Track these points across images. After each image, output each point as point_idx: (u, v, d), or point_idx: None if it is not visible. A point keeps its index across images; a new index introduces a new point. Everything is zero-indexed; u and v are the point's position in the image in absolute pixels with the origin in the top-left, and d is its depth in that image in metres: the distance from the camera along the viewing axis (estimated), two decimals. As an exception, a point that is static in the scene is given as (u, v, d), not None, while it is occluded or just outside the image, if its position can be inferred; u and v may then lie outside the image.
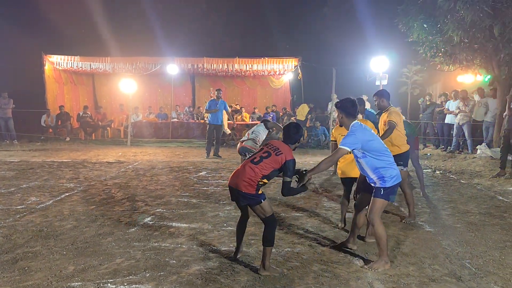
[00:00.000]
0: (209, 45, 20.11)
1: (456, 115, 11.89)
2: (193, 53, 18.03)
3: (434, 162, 10.75)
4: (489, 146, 10.70)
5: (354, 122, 3.85)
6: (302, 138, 5.06)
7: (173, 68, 16.90)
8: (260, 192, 3.65)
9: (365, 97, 15.72)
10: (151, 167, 9.64)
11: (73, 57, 17.22)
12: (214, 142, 11.86)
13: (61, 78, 17.92)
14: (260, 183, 3.62)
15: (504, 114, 8.79)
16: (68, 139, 15.56)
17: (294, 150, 3.81)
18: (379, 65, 12.41)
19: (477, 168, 9.49)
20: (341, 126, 4.43)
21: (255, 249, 4.28)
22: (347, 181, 5.06)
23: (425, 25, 10.72)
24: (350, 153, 3.88)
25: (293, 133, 3.80)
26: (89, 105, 17.98)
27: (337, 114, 4.39)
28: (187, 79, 19.67)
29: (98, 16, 19.25)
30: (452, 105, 12.25)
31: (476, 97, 11.95)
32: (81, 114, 16.75)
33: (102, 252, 4.13)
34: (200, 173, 8.95)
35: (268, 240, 3.62)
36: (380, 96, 5.55)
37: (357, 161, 3.91)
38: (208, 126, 12.01)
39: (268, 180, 3.69)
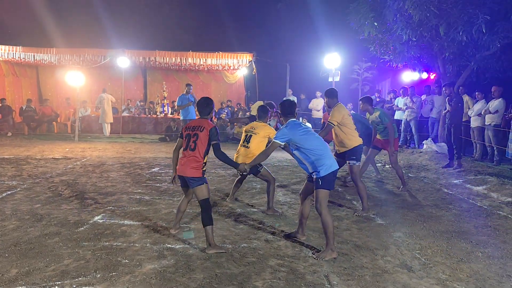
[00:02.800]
0: (162, 38, 19.59)
1: (404, 111, 12.35)
2: (145, 45, 17.48)
3: (384, 156, 11.09)
4: (435, 141, 11.20)
5: (289, 119, 4.31)
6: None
7: (123, 60, 16.32)
8: (204, 176, 4.14)
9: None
10: (100, 163, 9.27)
11: (15, 47, 16.19)
12: None
13: (2, 69, 16.83)
14: (203, 164, 4.11)
15: (444, 111, 9.30)
16: (10, 134, 14.64)
17: (210, 120, 4.37)
18: (331, 62, 12.62)
19: (424, 162, 9.91)
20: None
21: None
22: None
23: (375, 23, 11.01)
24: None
25: (204, 107, 4.31)
26: (33, 98, 17.01)
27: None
28: (138, 72, 19.11)
29: (43, 4, 18.22)
30: (400, 101, 12.71)
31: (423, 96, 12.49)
32: (24, 108, 15.81)
33: (48, 253, 3.90)
34: (153, 169, 8.71)
35: (206, 220, 4.03)
36: (327, 96, 5.81)
37: (294, 155, 4.27)
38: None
39: (207, 155, 4.16)
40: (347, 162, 5.74)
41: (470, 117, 10.25)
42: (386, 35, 11.15)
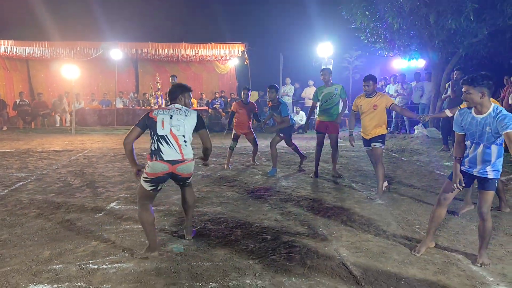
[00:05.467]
0: (153, 30, 19.61)
1: (395, 97, 12.71)
2: (137, 37, 17.53)
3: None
4: (425, 126, 11.59)
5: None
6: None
7: (116, 53, 16.38)
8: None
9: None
10: (103, 155, 9.45)
11: (7, 41, 16.12)
12: None
13: (-8, 64, 16.77)
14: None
15: (444, 95, 9.54)
16: (5, 128, 14.68)
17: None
18: (324, 51, 12.90)
19: (416, 146, 10.29)
20: None
21: (225, 226, 4.51)
22: None
23: (367, 13, 11.30)
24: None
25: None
26: (24, 92, 16.98)
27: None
28: (130, 64, 19.15)
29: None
30: (391, 88, 13.07)
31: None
32: (18, 102, 15.82)
33: (74, 236, 4.15)
34: (155, 159, 8.92)
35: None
36: (373, 80, 5.85)
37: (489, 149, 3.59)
38: None
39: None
40: (374, 145, 5.87)
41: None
42: (377, 24, 11.46)
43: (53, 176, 7.06)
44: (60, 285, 3.13)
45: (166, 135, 3.66)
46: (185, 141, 3.72)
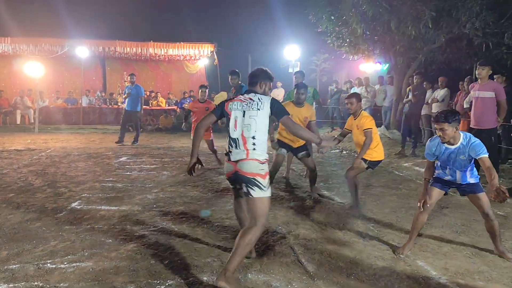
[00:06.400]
0: (121, 28, 19.40)
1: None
2: (104, 35, 17.28)
3: (341, 143, 11.77)
4: (387, 128, 11.99)
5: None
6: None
7: (82, 50, 16.09)
8: None
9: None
10: (66, 154, 9.32)
11: (-34, 36, 15.59)
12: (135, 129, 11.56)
13: (-49, 60, 16.16)
14: None
15: (406, 100, 9.89)
16: (-37, 126, 14.22)
17: None
18: (291, 53, 13.13)
19: (377, 148, 10.63)
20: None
21: (187, 225, 4.59)
22: None
23: (332, 17, 11.57)
24: None
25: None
26: (-15, 89, 16.45)
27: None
28: (97, 62, 18.85)
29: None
30: (356, 91, 13.42)
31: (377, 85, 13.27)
32: (-23, 99, 15.32)
33: (33, 236, 4.13)
34: (121, 159, 8.89)
35: None
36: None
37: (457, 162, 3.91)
38: (125, 112, 11.53)
39: None
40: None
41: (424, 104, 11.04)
42: (342, 29, 11.74)
43: (13, 175, 6.93)
44: (16, 285, 3.14)
45: (237, 138, 3.30)
46: (253, 144, 3.27)
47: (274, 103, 3.38)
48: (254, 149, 3.27)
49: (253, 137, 3.28)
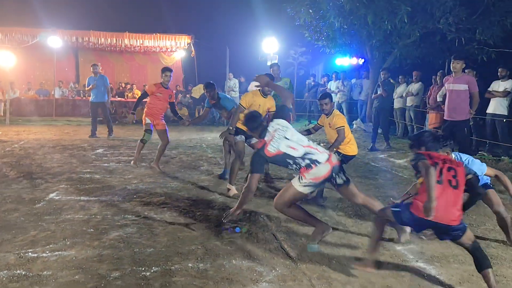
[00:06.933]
0: (95, 18, 18.97)
1: (336, 94, 13.26)
2: (78, 25, 16.85)
3: (318, 136, 11.91)
4: (363, 121, 12.23)
5: None
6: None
7: (55, 40, 15.65)
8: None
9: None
10: (40, 146, 9.11)
11: None
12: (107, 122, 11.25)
13: None
14: None
15: (375, 95, 10.09)
16: None
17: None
18: (270, 46, 13.17)
19: (354, 140, 10.84)
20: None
21: (169, 214, 4.59)
22: None
23: (310, 11, 11.69)
24: None
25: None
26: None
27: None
28: (70, 53, 18.39)
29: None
30: (333, 85, 13.62)
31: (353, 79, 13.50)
32: None
33: (12, 226, 4.05)
34: (97, 151, 8.76)
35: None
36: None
37: None
38: (92, 105, 11.16)
39: None
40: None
41: (393, 99, 11.31)
42: (320, 22, 11.88)
43: (-14, 167, 6.75)
44: (-3, 274, 3.09)
45: (306, 153, 3.67)
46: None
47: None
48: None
49: (302, 140, 3.83)
